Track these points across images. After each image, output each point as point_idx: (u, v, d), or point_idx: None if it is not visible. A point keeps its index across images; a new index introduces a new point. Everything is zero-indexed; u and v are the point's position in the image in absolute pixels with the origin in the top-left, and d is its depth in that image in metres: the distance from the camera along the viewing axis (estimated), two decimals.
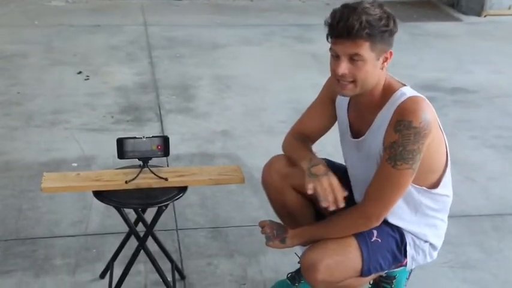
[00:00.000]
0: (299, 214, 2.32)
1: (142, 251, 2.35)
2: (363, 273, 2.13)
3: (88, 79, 4.85)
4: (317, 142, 2.31)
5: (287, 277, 2.50)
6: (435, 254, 2.27)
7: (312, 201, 2.33)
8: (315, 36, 6.09)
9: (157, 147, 2.26)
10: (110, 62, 5.23)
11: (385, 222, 2.14)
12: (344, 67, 1.95)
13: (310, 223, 2.32)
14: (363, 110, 2.10)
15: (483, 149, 3.96)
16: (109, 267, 2.50)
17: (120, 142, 2.24)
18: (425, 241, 2.21)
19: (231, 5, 7.23)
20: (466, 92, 4.83)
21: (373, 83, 2.01)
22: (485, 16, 7.07)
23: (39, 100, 4.43)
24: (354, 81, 1.98)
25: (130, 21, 6.43)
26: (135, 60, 5.33)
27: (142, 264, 2.60)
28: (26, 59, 5.24)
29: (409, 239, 2.18)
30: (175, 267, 2.55)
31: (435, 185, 2.14)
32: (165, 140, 2.27)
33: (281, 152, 2.35)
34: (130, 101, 4.46)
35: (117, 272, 2.41)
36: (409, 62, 5.12)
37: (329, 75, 2.30)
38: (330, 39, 1.98)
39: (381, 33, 1.92)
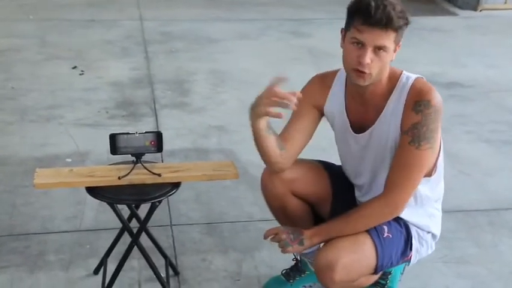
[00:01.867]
0: (299, 219, 2.30)
1: (136, 247, 2.34)
2: (377, 270, 2.12)
3: (83, 74, 4.83)
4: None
5: (282, 274, 2.50)
6: (434, 244, 2.29)
7: (312, 206, 2.33)
8: (311, 30, 6.09)
9: (151, 142, 2.25)
10: (105, 57, 5.21)
11: None
12: (369, 57, 1.93)
13: (309, 227, 2.31)
14: (368, 101, 2.08)
15: (478, 143, 3.96)
16: (102, 263, 2.50)
17: (113, 138, 2.23)
18: (428, 232, 2.22)
19: None
20: (461, 86, 4.83)
21: (386, 73, 2.02)
22: (480, 10, 7.06)
23: (34, 95, 4.41)
24: (371, 73, 1.97)
25: (125, 15, 6.40)
26: (131, 55, 5.31)
27: (136, 260, 2.59)
28: (21, 54, 5.22)
29: (413, 231, 2.19)
30: (169, 263, 2.54)
31: (430, 171, 2.13)
32: (159, 136, 2.26)
33: None
34: (125, 96, 4.45)
35: (111, 268, 2.40)
36: (405, 56, 5.04)
37: (324, 69, 2.30)
38: (354, 26, 1.94)
39: (405, 25, 1.95)
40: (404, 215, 2.14)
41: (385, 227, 2.11)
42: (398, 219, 2.15)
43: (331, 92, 2.19)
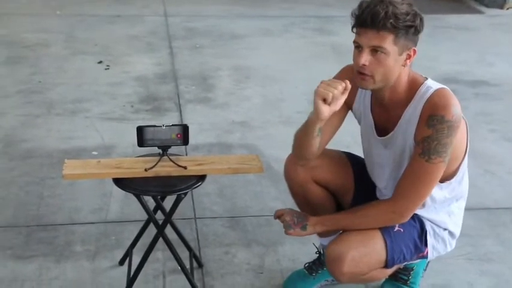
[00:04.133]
0: (321, 207, 2.33)
1: (161, 238, 2.37)
2: (388, 264, 2.13)
3: (108, 69, 4.89)
4: (336, 133, 2.29)
5: (304, 267, 2.52)
6: (454, 242, 2.28)
7: (334, 195, 2.34)
8: (335, 28, 6.08)
9: (177, 135, 2.28)
10: (130, 52, 5.27)
11: None
12: (365, 58, 1.94)
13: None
14: (388, 107, 2.09)
15: (503, 142, 3.93)
16: (128, 254, 2.54)
17: (140, 130, 2.26)
18: (445, 229, 2.22)
19: None
20: (486, 85, 4.79)
21: (393, 78, 2.00)
22: (507, 9, 6.99)
23: (60, 89, 4.48)
24: (372, 75, 1.96)
25: (150, 11, 6.46)
26: (155, 50, 5.35)
27: (160, 252, 2.63)
28: (48, 48, 5.29)
29: (428, 227, 2.19)
30: (193, 256, 2.57)
31: (453, 174, 2.14)
32: (185, 129, 2.28)
33: None
34: (149, 91, 4.49)
35: (136, 259, 2.43)
36: (430, 54, 5.07)
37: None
38: (355, 30, 1.97)
39: (405, 27, 1.91)
40: (420, 211, 2.15)
41: None
42: (412, 215, 2.15)
43: (360, 90, 2.18)
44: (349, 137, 3.09)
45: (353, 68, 2.03)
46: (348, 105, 2.21)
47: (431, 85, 2.03)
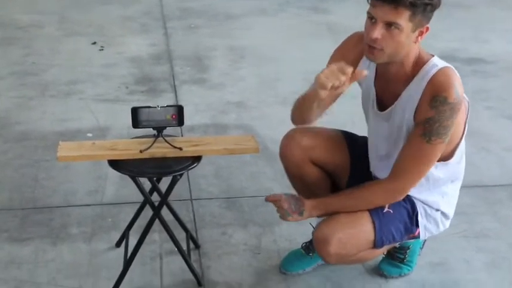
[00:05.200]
0: (316, 187, 2.32)
1: (157, 220, 2.37)
2: (376, 244, 2.13)
3: (102, 50, 4.85)
4: (333, 113, 2.26)
5: (301, 247, 2.52)
6: (447, 223, 2.28)
7: (330, 175, 2.34)
8: (330, 6, 6.04)
9: (172, 116, 2.26)
10: (125, 33, 5.23)
11: None
12: (378, 32, 1.91)
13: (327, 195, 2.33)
14: (391, 81, 2.07)
15: (500, 119, 3.92)
16: (124, 236, 2.53)
17: (135, 111, 2.25)
18: (437, 209, 2.21)
19: None
20: (483, 62, 4.77)
21: (403, 54, 1.98)
22: None
23: (54, 70, 4.44)
24: (382, 49, 1.94)
25: None
26: (150, 31, 5.31)
27: (157, 234, 2.62)
28: (41, 30, 5.25)
29: (420, 208, 2.18)
30: (189, 237, 2.57)
31: (449, 155, 2.13)
32: (180, 109, 2.27)
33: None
34: (144, 72, 4.46)
35: (133, 240, 2.43)
36: None
37: None
38: (370, 1, 1.94)
39: (424, 5, 1.89)
40: (412, 191, 2.14)
41: None
42: None
43: (364, 58, 2.12)
44: (347, 116, 3.09)
45: (363, 37, 1.99)
46: (354, 62, 2.15)
47: (437, 63, 2.01)
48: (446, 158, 2.12)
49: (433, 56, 2.05)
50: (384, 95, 2.12)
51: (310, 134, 2.27)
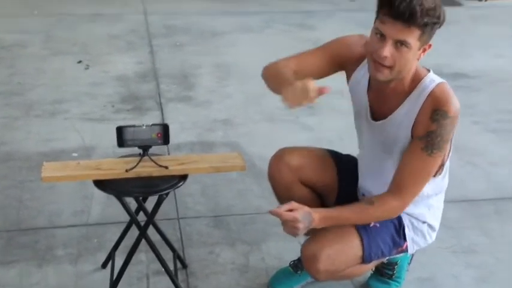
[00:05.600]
0: None
1: (143, 240, 2.35)
2: (365, 259, 2.12)
3: (88, 68, 4.84)
4: (320, 129, 2.27)
5: (289, 265, 2.50)
6: (434, 235, 2.28)
7: (319, 195, 2.33)
8: (316, 23, 6.07)
9: (157, 135, 2.25)
10: (110, 51, 5.21)
11: None
12: (388, 50, 1.90)
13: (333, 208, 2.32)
14: (387, 93, 2.06)
15: (485, 133, 3.95)
16: (110, 256, 2.50)
17: (120, 130, 2.23)
18: (423, 222, 2.21)
19: None
20: (467, 77, 4.81)
21: (407, 71, 1.98)
22: (486, 0, 7.03)
23: (40, 90, 4.42)
24: (391, 67, 1.93)
25: (130, 10, 6.40)
26: (135, 49, 5.31)
27: (143, 254, 2.60)
28: (26, 49, 5.22)
29: (406, 221, 2.18)
30: (177, 256, 2.54)
31: (438, 171, 2.13)
32: (165, 128, 2.25)
33: (282, 138, 2.32)
34: (130, 90, 4.45)
35: (119, 261, 2.40)
36: None
37: None
38: (379, 17, 1.91)
39: (433, 24, 1.89)
40: None
41: None
42: None
43: (363, 64, 2.11)
44: (334, 133, 3.09)
45: (367, 53, 1.98)
46: (339, 64, 2.16)
47: (434, 78, 2.02)
48: (434, 173, 2.12)
49: (429, 70, 2.06)
50: (379, 106, 2.12)
51: (298, 155, 2.27)
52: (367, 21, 2.20)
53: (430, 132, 1.96)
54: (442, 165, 2.13)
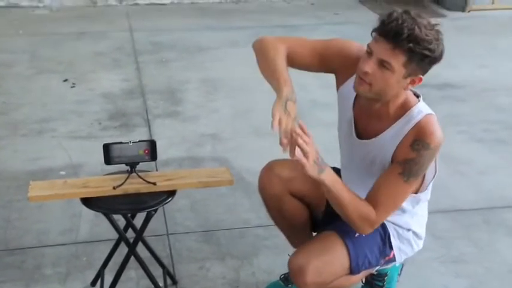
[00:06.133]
0: (295, 219, 2.32)
1: (133, 257, 2.33)
2: (352, 270, 2.12)
3: (74, 86, 4.82)
4: (320, 145, 2.25)
5: (280, 278, 2.49)
6: (421, 243, 2.28)
7: (309, 207, 2.33)
8: (301, 36, 6.10)
9: (145, 151, 2.25)
10: (96, 69, 5.20)
11: None
12: (370, 66, 1.91)
13: (306, 230, 2.35)
14: (373, 115, 2.07)
15: (472, 143, 3.97)
16: (100, 274, 2.48)
17: (107, 148, 2.22)
18: (408, 229, 2.22)
19: (216, 8, 7.22)
20: (452, 87, 4.85)
21: (389, 96, 1.98)
22: (469, 11, 7.10)
23: (25, 109, 4.40)
24: (370, 84, 1.94)
25: (115, 27, 6.40)
26: (121, 66, 5.30)
27: (133, 271, 2.58)
28: (11, 68, 5.20)
29: (391, 230, 2.19)
30: (166, 273, 2.53)
31: (421, 189, 2.16)
32: (152, 144, 2.25)
33: (270, 152, 2.31)
34: (117, 107, 4.44)
35: (108, 279, 2.39)
36: None
37: (315, 75, 2.30)
38: (373, 35, 1.93)
39: (422, 55, 1.88)
40: None
41: None
42: None
43: (352, 78, 2.09)
44: (320, 146, 3.09)
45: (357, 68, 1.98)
46: (329, 67, 2.15)
47: (422, 109, 2.03)
48: (417, 191, 2.14)
49: (419, 99, 2.07)
50: (364, 125, 2.13)
51: (289, 167, 2.26)
52: (351, 35, 2.22)
53: (409, 159, 1.98)
54: (427, 185, 2.15)
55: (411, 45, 1.86)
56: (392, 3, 7.22)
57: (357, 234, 2.11)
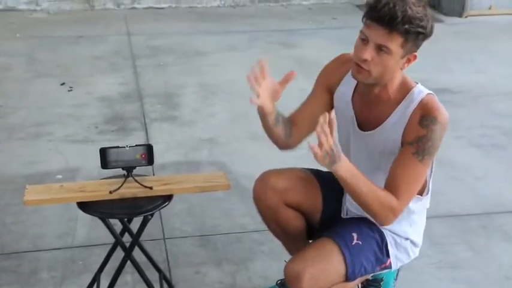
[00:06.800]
0: (291, 228, 2.31)
1: (129, 261, 2.32)
2: (348, 277, 2.11)
3: (71, 90, 4.81)
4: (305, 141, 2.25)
5: (276, 284, 2.48)
6: (417, 250, 2.28)
7: (304, 215, 2.32)
8: (298, 41, 6.10)
9: (141, 155, 2.24)
10: (94, 73, 5.20)
11: (365, 222, 2.15)
12: (369, 53, 1.91)
13: (302, 238, 2.33)
14: (374, 103, 2.07)
15: (469, 148, 3.97)
16: (96, 279, 2.47)
17: (103, 152, 2.22)
18: (406, 238, 2.21)
19: (214, 13, 7.22)
20: (449, 92, 4.85)
21: (388, 78, 2.00)
22: (466, 17, 7.11)
23: (22, 112, 4.39)
24: (369, 71, 1.95)
25: (113, 31, 6.40)
26: (119, 70, 5.30)
27: (129, 275, 2.57)
28: (8, 72, 5.19)
29: (389, 238, 2.18)
30: (163, 277, 2.52)
31: (423, 190, 2.15)
32: (149, 149, 2.24)
33: (267, 157, 2.32)
34: (114, 111, 4.44)
35: (105, 283, 2.37)
36: None
37: (313, 79, 2.30)
38: (364, 21, 1.93)
39: (417, 33, 1.90)
40: None
41: (355, 235, 2.12)
42: (371, 225, 2.14)
43: (346, 78, 2.15)
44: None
45: (350, 59, 2.01)
46: (329, 90, 2.18)
47: (422, 90, 2.05)
48: (420, 192, 2.13)
49: (417, 83, 2.08)
50: (366, 116, 2.12)
51: (283, 177, 2.26)
52: (350, 38, 2.22)
53: (421, 137, 1.97)
54: (426, 184, 2.15)
55: (407, 27, 1.87)
56: None
57: (353, 242, 2.10)
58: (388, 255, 2.18)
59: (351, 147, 2.21)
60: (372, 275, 2.27)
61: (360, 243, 2.11)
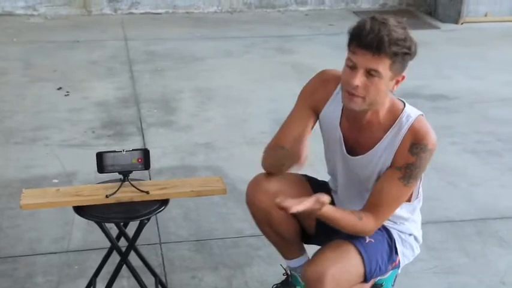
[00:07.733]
0: (285, 232, 2.31)
1: (125, 266, 2.33)
2: (366, 277, 2.11)
3: (68, 95, 4.82)
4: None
5: None
6: (419, 246, 2.30)
7: (298, 218, 2.33)
8: (294, 47, 6.12)
9: (138, 160, 2.24)
10: (90, 78, 5.20)
11: None
12: (359, 79, 1.93)
13: (297, 241, 2.35)
14: (363, 126, 2.08)
15: (464, 154, 3.99)
16: (91, 283, 2.47)
17: (100, 156, 2.22)
18: (410, 234, 2.24)
19: (211, 18, 7.24)
20: (445, 98, 4.87)
21: (380, 102, 2.01)
22: (462, 23, 7.15)
23: (19, 117, 4.39)
24: (363, 97, 1.96)
25: (110, 36, 6.40)
26: (116, 75, 5.30)
27: (125, 280, 2.57)
28: (5, 76, 5.19)
29: (395, 235, 2.20)
30: (159, 282, 2.52)
31: (413, 196, 2.18)
32: (146, 153, 2.25)
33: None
34: (111, 116, 4.44)
35: None
36: None
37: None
38: (350, 48, 1.95)
39: (403, 54, 1.93)
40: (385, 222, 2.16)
41: None
42: None
43: (332, 98, 2.16)
44: (313, 156, 3.10)
45: (331, 76, 2.06)
46: (314, 110, 2.20)
47: (411, 113, 2.06)
48: (409, 199, 2.16)
49: (404, 103, 2.09)
50: (355, 140, 2.13)
51: (276, 180, 2.26)
52: (346, 45, 2.23)
53: (410, 164, 2.01)
54: (417, 190, 2.18)
55: (394, 49, 1.90)
56: (384, 15, 7.27)
57: (367, 240, 2.11)
58: (396, 253, 2.20)
59: (337, 168, 2.23)
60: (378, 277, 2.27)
61: (373, 241, 2.12)
